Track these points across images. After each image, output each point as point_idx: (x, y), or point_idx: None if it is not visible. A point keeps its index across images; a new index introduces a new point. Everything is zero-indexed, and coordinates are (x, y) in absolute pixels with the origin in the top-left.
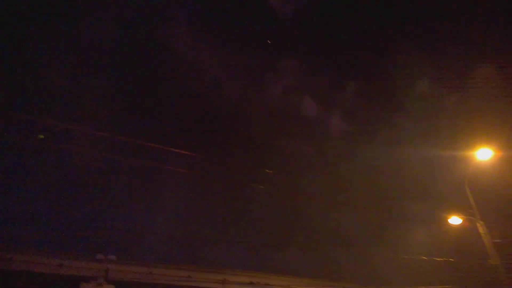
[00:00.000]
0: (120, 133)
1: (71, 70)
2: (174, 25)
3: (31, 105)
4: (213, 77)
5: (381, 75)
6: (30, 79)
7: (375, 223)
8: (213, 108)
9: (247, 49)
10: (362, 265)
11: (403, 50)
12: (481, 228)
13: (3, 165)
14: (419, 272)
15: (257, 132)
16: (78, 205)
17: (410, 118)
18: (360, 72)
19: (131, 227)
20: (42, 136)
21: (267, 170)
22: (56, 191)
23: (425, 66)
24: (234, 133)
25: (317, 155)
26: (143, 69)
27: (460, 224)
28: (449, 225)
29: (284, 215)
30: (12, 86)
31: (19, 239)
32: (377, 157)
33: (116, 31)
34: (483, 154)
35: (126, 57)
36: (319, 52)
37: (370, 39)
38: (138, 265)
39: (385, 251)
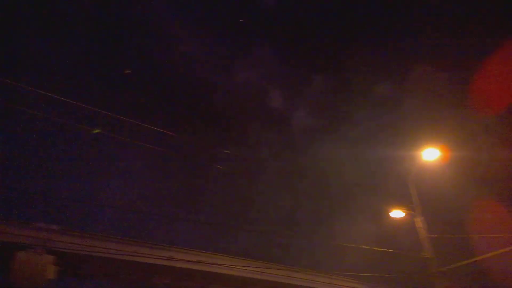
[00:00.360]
0: (73, 98)
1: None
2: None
3: None
4: (184, 55)
5: (345, 76)
6: None
7: (324, 212)
8: (181, 84)
9: (221, 33)
10: (307, 251)
11: (367, 56)
12: (419, 223)
13: None
14: (360, 259)
15: (222, 114)
16: (24, 172)
17: (367, 117)
18: (325, 71)
19: (80, 197)
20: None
21: (226, 151)
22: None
23: (386, 69)
24: (199, 112)
25: (277, 143)
26: (114, 39)
27: (402, 218)
28: (391, 218)
29: (238, 197)
30: None
31: None
32: (333, 151)
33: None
34: (430, 154)
35: (98, 27)
36: (291, 47)
37: (337, 41)
38: (81, 237)
39: (331, 239)
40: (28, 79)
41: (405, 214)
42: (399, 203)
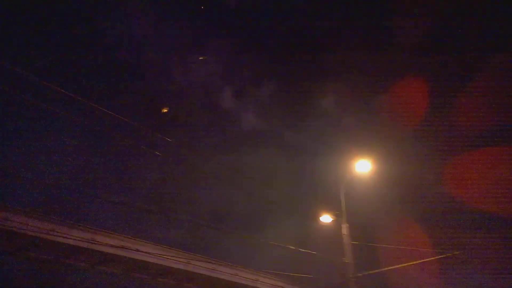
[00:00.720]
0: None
1: None
2: None
3: None
4: (136, 36)
5: (297, 84)
6: None
7: (257, 212)
8: (130, 66)
9: (177, 18)
10: (235, 246)
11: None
12: (344, 229)
13: None
14: (286, 259)
15: (165, 100)
16: None
17: (311, 127)
18: (278, 75)
19: None
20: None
21: (167, 139)
22: None
23: (333, 84)
24: (147, 96)
25: (219, 140)
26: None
27: (330, 223)
28: (320, 222)
29: (173, 185)
30: None
31: None
32: (273, 154)
33: None
34: (362, 166)
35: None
36: (247, 46)
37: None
38: None
39: (259, 237)
40: None
41: (333, 220)
42: (329, 209)
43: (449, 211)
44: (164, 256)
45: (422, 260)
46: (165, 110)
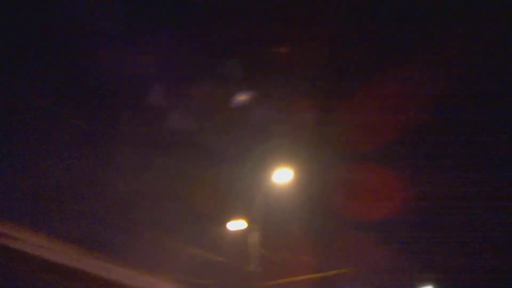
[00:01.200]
0: None
1: None
2: None
3: None
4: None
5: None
6: None
7: (167, 213)
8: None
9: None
10: (137, 246)
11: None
12: (252, 237)
13: None
14: (192, 264)
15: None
16: None
17: (233, 132)
18: (203, 78)
19: None
20: None
21: (78, 122)
22: None
23: (257, 93)
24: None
25: (137, 133)
26: None
27: (243, 231)
28: (231, 230)
29: (74, 173)
30: None
31: None
32: (191, 158)
33: None
34: (281, 175)
35: None
36: (175, 44)
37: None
38: None
39: (165, 239)
40: None
41: (247, 227)
42: (243, 216)
43: (353, 224)
44: (50, 249)
45: (321, 274)
46: None
